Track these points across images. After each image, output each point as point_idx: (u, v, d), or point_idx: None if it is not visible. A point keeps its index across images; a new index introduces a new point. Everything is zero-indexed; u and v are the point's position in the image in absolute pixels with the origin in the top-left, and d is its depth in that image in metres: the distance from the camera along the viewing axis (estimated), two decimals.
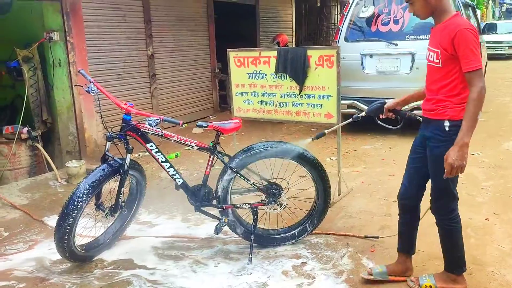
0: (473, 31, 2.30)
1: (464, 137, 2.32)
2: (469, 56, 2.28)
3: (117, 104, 3.10)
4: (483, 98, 2.31)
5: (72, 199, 2.97)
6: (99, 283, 3.04)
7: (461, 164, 2.34)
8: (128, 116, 3.10)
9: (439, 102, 2.46)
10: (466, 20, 2.44)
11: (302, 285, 2.87)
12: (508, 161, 5.22)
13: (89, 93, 3.08)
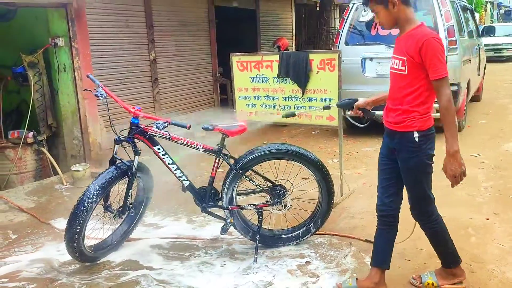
0: (438, 41, 2.38)
1: (453, 146, 2.41)
2: (436, 64, 2.34)
3: (125, 108, 3.18)
4: (452, 103, 2.39)
5: (83, 200, 3.04)
6: (107, 283, 3.11)
7: (461, 171, 2.43)
8: (136, 120, 3.18)
9: (406, 113, 2.48)
10: (431, 30, 2.52)
11: (307, 283, 2.94)
12: (508, 162, 5.29)
13: (98, 97, 3.16)
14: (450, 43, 5.96)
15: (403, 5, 2.45)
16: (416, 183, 2.59)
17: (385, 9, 2.48)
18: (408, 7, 2.49)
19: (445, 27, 6.00)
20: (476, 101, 9.15)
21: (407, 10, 2.48)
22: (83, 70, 5.49)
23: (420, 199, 2.65)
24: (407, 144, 2.51)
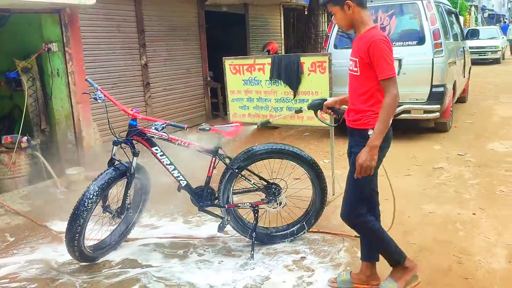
0: (386, 42, 2.43)
1: (375, 140, 2.43)
2: (382, 65, 2.39)
3: (123, 110, 3.27)
4: (396, 104, 2.43)
5: (83, 200, 3.11)
6: (108, 281, 3.18)
7: (369, 165, 2.44)
8: (134, 122, 3.26)
9: (362, 112, 2.55)
10: (381, 32, 2.55)
11: (303, 277, 3.04)
12: (493, 160, 5.46)
13: (97, 100, 3.24)
14: (436, 45, 6.13)
15: (358, 7, 2.52)
16: (354, 182, 2.59)
17: (341, 11, 2.55)
18: (363, 10, 2.55)
19: (430, 30, 6.17)
20: (462, 102, 9.36)
21: (362, 13, 2.54)
22: (77, 74, 5.55)
23: (356, 200, 2.66)
24: (361, 141, 2.54)
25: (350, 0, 2.49)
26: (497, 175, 4.89)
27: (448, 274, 2.96)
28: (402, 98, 6.32)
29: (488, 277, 2.90)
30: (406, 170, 5.22)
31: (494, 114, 8.36)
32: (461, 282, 2.85)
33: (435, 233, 3.56)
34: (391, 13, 6.47)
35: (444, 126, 6.87)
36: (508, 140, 6.37)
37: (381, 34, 2.51)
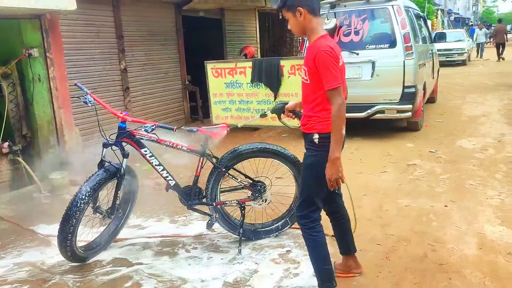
0: (330, 53, 2.45)
1: (334, 153, 2.49)
2: (327, 76, 2.44)
3: (113, 113, 3.37)
4: (343, 113, 2.48)
5: (75, 201, 3.20)
6: (101, 279, 3.27)
7: (337, 177, 2.52)
8: (124, 124, 3.37)
9: (310, 118, 2.63)
10: (327, 42, 2.53)
11: (289, 269, 3.21)
12: (462, 156, 5.76)
13: (87, 104, 3.34)
14: (406, 48, 6.43)
15: (309, 15, 2.55)
16: (304, 183, 2.69)
17: (293, 17, 2.58)
18: (315, 18, 2.58)
19: (401, 34, 6.46)
20: (432, 102, 9.74)
21: (313, 20, 2.57)
22: (58, 80, 5.58)
23: (304, 200, 2.73)
24: (309, 144, 2.63)
25: (302, 8, 2.53)
26: (466, 170, 5.18)
27: (424, 260, 3.19)
28: (376, 98, 6.69)
29: (461, 262, 3.13)
30: (382, 167, 5.46)
31: (462, 114, 8.75)
32: (436, 268, 3.08)
33: (411, 225, 3.79)
34: (363, 18, 6.73)
35: (415, 125, 7.18)
36: (475, 137, 6.71)
37: (326, 45, 2.50)
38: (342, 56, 2.65)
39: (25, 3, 4.71)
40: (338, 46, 2.65)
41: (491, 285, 2.84)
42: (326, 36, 2.60)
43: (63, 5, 5.12)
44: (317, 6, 2.61)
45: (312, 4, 2.56)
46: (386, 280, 2.97)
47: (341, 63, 2.60)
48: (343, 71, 2.65)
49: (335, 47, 2.55)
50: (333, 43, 2.58)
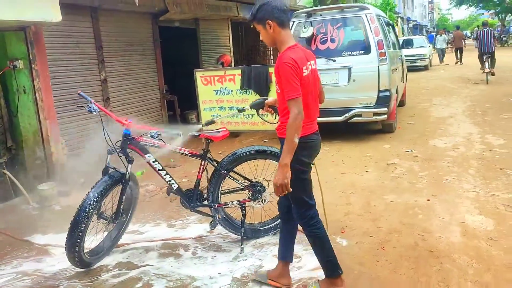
0: (291, 65, 2.54)
1: (284, 159, 2.57)
2: (286, 86, 2.55)
3: (118, 120, 3.48)
4: (298, 123, 2.54)
5: (83, 207, 3.29)
6: (110, 282, 3.36)
7: (282, 183, 2.56)
8: (128, 131, 3.48)
9: (282, 124, 2.79)
10: (290, 55, 2.60)
11: (292, 263, 3.39)
12: (436, 154, 6.13)
13: (91, 113, 3.44)
14: (380, 54, 6.78)
15: (279, 27, 2.66)
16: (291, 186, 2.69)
17: (263, 29, 2.70)
18: (284, 30, 2.69)
19: (375, 40, 6.81)
20: (402, 106, 10.18)
21: (283, 33, 2.69)
22: (44, 91, 5.61)
23: (295, 201, 2.86)
24: (282, 148, 2.69)
25: (271, 20, 2.64)
26: (441, 167, 5.53)
27: (416, 248, 3.45)
28: (353, 103, 7.00)
29: (449, 248, 3.41)
30: (363, 167, 5.75)
31: (431, 115, 9.21)
32: (427, 254, 3.34)
33: (399, 218, 4.06)
34: (339, 26, 7.06)
35: (390, 127, 7.54)
36: (446, 137, 7.13)
37: (288, 56, 2.59)
38: (312, 64, 2.75)
39: (11, 16, 4.74)
40: (309, 56, 2.76)
41: (478, 266, 3.12)
42: (294, 46, 2.70)
43: (49, 17, 5.16)
44: (285, 19, 2.71)
45: (280, 17, 2.67)
46: (384, 267, 3.21)
47: (307, 73, 2.67)
48: (313, 79, 2.76)
49: (300, 59, 2.62)
50: (299, 54, 2.65)
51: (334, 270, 2.90)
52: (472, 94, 11.64)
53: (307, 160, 2.82)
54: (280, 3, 2.71)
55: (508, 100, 10.14)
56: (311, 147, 2.84)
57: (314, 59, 2.84)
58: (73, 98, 6.96)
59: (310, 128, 2.79)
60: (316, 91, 2.83)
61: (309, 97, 2.73)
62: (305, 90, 2.65)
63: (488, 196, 4.45)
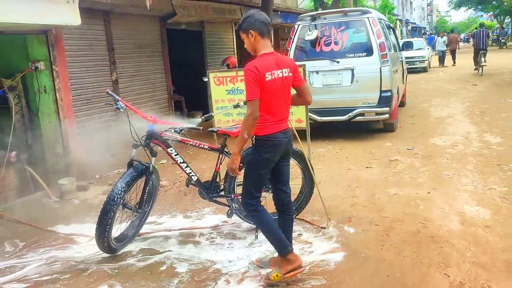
0: (251, 71, 2.89)
1: (234, 148, 3.07)
2: (246, 89, 2.94)
3: (143, 117, 3.77)
4: (250, 122, 2.92)
5: (112, 196, 3.57)
6: (137, 266, 3.65)
7: (231, 167, 3.11)
8: (152, 126, 3.77)
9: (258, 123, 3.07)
10: (255, 62, 2.95)
11: (304, 248, 3.69)
12: (436, 152, 6.42)
13: (119, 110, 3.72)
14: (382, 56, 7.07)
15: (258, 36, 3.03)
16: (246, 176, 3.19)
17: (247, 38, 3.07)
18: (263, 39, 3.05)
19: (377, 43, 7.11)
20: (402, 106, 10.47)
21: (262, 42, 3.05)
22: (63, 91, 5.89)
23: (246, 191, 3.22)
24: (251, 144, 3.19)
25: (253, 30, 3.01)
26: (441, 163, 5.82)
27: (418, 235, 3.74)
28: (356, 102, 7.30)
29: (448, 234, 3.70)
30: (367, 163, 6.04)
31: (430, 115, 9.51)
32: (428, 240, 3.63)
33: (402, 208, 4.35)
34: (342, 29, 7.36)
35: (391, 126, 7.84)
36: (445, 135, 7.42)
37: (251, 64, 2.94)
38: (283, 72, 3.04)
39: (36, 20, 5.04)
40: (282, 64, 3.06)
41: (475, 250, 3.41)
42: (266, 54, 3.03)
43: (70, 21, 5.46)
44: (265, 30, 3.06)
45: (261, 28, 3.03)
46: (389, 251, 3.50)
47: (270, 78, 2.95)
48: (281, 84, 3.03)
49: (264, 66, 2.94)
50: (265, 62, 2.97)
51: (283, 248, 3.16)
52: (470, 95, 11.94)
53: (267, 156, 3.10)
54: (261, 16, 3.07)
55: (506, 101, 10.44)
56: (274, 145, 3.09)
57: (289, 67, 3.11)
58: (87, 98, 7.28)
59: (273, 127, 3.06)
60: (284, 94, 3.10)
61: (273, 100, 3.02)
62: (267, 93, 2.97)
63: (485, 189, 4.74)
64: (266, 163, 3.14)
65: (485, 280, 2.97)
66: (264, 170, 3.16)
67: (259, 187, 3.24)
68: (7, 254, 4.19)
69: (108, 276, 3.52)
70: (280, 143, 3.12)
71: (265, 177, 3.23)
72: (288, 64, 3.14)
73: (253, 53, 3.15)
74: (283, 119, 3.14)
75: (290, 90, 3.18)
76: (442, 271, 3.13)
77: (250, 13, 3.11)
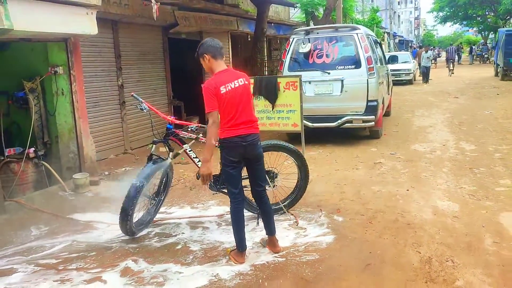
0: (207, 88, 3.49)
1: (205, 156, 3.60)
2: (205, 103, 3.49)
3: (163, 117, 4.36)
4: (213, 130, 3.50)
5: (136, 184, 4.13)
6: (155, 245, 4.21)
7: (205, 174, 3.62)
8: (171, 125, 4.36)
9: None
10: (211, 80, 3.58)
11: (299, 232, 4.29)
12: (416, 156, 7.09)
13: (142, 111, 4.30)
14: (369, 69, 7.75)
15: (212, 59, 3.63)
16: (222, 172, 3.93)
17: (203, 60, 3.68)
18: (216, 61, 3.64)
19: (365, 57, 7.79)
20: (387, 115, 11.16)
21: (215, 63, 3.65)
22: (79, 93, 6.45)
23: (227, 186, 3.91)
24: None
25: (206, 54, 3.63)
26: (420, 166, 6.49)
27: (396, 222, 4.37)
28: (345, 110, 7.98)
29: (422, 222, 4.34)
30: (354, 166, 6.68)
31: (413, 125, 10.22)
32: (405, 226, 4.27)
33: (384, 202, 4.98)
34: (333, 43, 8.03)
35: (377, 133, 8.51)
36: (425, 142, 8.11)
37: (207, 82, 3.57)
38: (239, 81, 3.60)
39: (60, 29, 5.60)
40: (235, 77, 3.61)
41: (443, 234, 4.05)
42: (220, 72, 3.62)
43: (88, 30, 6.03)
44: (217, 53, 3.65)
45: (213, 52, 3.63)
46: (372, 235, 4.12)
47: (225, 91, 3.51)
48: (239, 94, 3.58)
49: (218, 82, 3.53)
50: (219, 79, 3.56)
51: (238, 245, 3.79)
52: (451, 107, 12.71)
53: (229, 157, 3.66)
54: (213, 42, 3.68)
55: (483, 113, 11.22)
56: (232, 147, 3.64)
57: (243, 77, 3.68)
58: (95, 101, 7.84)
59: (231, 132, 3.60)
60: (242, 101, 3.63)
61: (230, 108, 3.56)
62: (223, 103, 3.53)
63: (456, 188, 5.40)
64: (228, 161, 3.69)
65: (449, 255, 3.61)
66: (228, 168, 3.72)
67: (232, 183, 3.78)
68: (33, 236, 4.73)
69: (131, 253, 4.08)
70: (238, 146, 3.63)
71: (234, 175, 3.75)
72: (242, 75, 3.70)
73: (210, 72, 3.74)
74: (241, 124, 3.63)
75: (249, 97, 3.72)
76: (415, 249, 3.77)
77: (204, 40, 3.72)
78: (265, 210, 4.00)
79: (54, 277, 3.72)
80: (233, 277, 3.51)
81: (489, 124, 9.60)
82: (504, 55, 18.79)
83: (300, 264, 3.63)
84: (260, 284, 3.38)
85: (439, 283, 3.23)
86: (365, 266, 3.53)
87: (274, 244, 3.94)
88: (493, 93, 15.39)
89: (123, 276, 3.66)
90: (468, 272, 3.36)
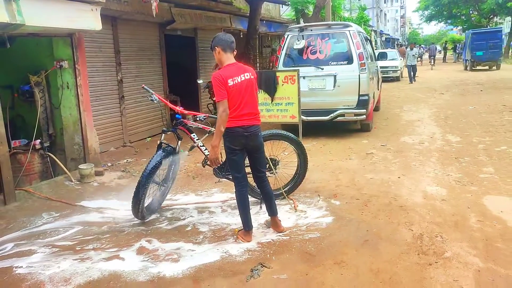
0: (216, 78, 3.74)
1: (214, 141, 3.82)
2: (215, 93, 3.76)
3: (173, 107, 4.64)
4: (223, 118, 3.71)
5: (146, 172, 4.39)
6: (166, 228, 4.50)
7: (214, 158, 3.92)
8: (179, 116, 4.64)
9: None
10: (220, 71, 3.81)
11: (300, 214, 4.61)
12: (405, 148, 7.46)
13: (153, 102, 4.58)
14: (361, 65, 8.10)
15: (222, 51, 3.86)
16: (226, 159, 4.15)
17: (215, 52, 3.92)
18: (225, 53, 3.87)
19: (357, 53, 8.13)
20: (377, 110, 11.55)
21: (224, 55, 3.87)
22: (83, 87, 6.68)
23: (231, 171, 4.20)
24: None
25: (217, 47, 3.87)
26: (410, 156, 6.86)
27: (390, 205, 4.72)
28: (337, 104, 8.32)
29: (413, 205, 4.70)
30: (347, 156, 7.03)
31: (401, 119, 10.62)
32: (398, 208, 4.62)
33: (377, 188, 5.33)
34: (326, 40, 8.36)
35: (367, 127, 8.87)
36: (414, 135, 8.49)
37: (217, 73, 3.80)
38: (245, 75, 3.87)
39: (67, 25, 5.83)
40: (243, 71, 3.88)
41: (432, 214, 4.41)
42: (229, 65, 3.87)
43: (93, 26, 6.26)
44: (227, 46, 3.88)
45: (224, 45, 3.87)
46: (367, 216, 4.46)
47: (232, 83, 3.77)
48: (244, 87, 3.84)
49: (226, 74, 3.77)
50: (228, 71, 3.81)
51: (244, 224, 4.09)
52: (437, 103, 13.15)
53: (230, 145, 3.94)
54: (225, 36, 3.95)
55: (467, 108, 11.67)
56: (234, 136, 3.91)
57: (250, 71, 3.96)
58: (95, 96, 8.06)
59: (234, 122, 3.85)
60: (246, 94, 3.88)
61: (235, 100, 3.81)
62: (230, 95, 3.77)
63: (444, 175, 5.77)
64: (230, 149, 3.96)
65: (438, 232, 3.97)
66: (233, 156, 3.98)
67: (235, 169, 4.06)
68: (46, 221, 4.97)
69: (144, 234, 4.36)
70: (239, 135, 3.90)
71: (237, 161, 4.02)
72: (249, 70, 3.97)
73: (220, 64, 3.99)
74: (244, 115, 3.89)
75: (253, 90, 3.98)
76: (407, 227, 4.11)
77: (217, 34, 4.00)
78: (266, 192, 4.28)
79: (73, 256, 3.98)
80: (243, 253, 3.82)
81: (473, 118, 10.03)
82: (471, 50, 25.11)
83: (303, 241, 3.95)
84: (268, 258, 3.69)
85: (430, 255, 3.58)
86: (363, 242, 3.87)
87: (277, 224, 4.25)
88: (477, 89, 15.91)
89: (139, 254, 3.94)
90: (456, 246, 3.71)
